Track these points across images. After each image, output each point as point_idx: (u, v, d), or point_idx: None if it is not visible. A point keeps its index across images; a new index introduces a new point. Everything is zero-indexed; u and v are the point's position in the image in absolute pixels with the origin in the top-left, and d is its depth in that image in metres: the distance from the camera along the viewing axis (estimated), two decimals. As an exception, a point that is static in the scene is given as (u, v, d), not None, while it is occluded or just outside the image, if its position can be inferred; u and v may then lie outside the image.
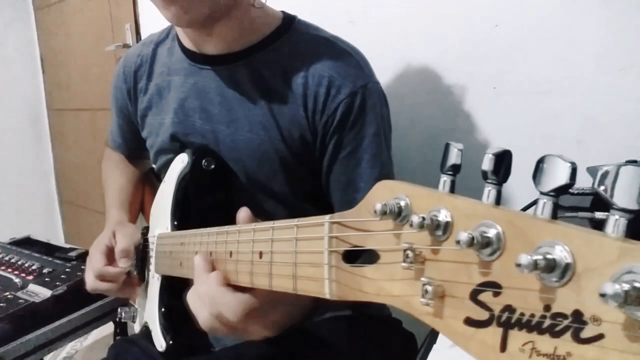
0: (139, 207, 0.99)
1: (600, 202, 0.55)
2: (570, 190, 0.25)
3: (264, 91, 0.71)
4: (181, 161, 0.74)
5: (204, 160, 0.72)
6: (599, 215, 0.52)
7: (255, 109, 0.72)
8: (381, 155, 0.71)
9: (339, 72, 0.68)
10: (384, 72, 0.77)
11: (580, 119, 0.84)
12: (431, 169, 1.03)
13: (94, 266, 0.78)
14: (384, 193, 0.31)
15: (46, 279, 1.22)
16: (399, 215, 0.29)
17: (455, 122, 0.98)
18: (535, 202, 0.70)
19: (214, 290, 0.50)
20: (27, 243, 1.54)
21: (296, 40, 0.72)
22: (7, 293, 1.17)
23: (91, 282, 0.79)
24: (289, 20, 0.74)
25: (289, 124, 0.70)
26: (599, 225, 0.51)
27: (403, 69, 1.03)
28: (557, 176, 0.23)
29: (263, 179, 0.73)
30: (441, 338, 0.57)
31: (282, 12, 0.76)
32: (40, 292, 1.17)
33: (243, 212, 0.53)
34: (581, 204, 0.55)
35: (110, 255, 0.80)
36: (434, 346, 0.56)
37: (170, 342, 0.70)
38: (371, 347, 0.75)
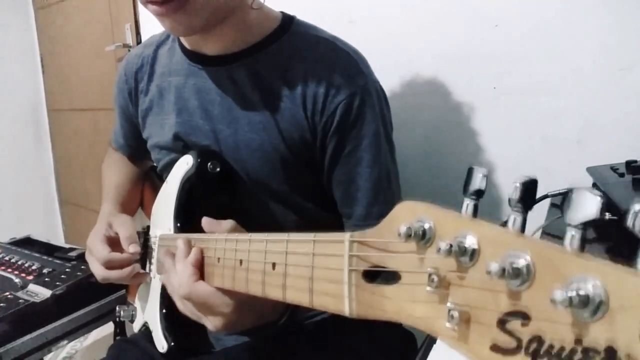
0: (136, 205, 0.99)
1: (603, 210, 0.55)
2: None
3: (264, 92, 0.71)
4: (185, 163, 0.74)
5: (209, 163, 0.72)
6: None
7: (255, 109, 0.72)
8: (381, 154, 0.71)
9: (337, 73, 0.68)
10: (383, 72, 0.77)
11: (580, 119, 0.84)
12: (431, 169, 1.03)
13: (99, 255, 0.77)
14: (405, 214, 0.31)
15: (46, 279, 1.22)
16: (422, 238, 0.29)
17: (455, 122, 0.99)
18: (535, 202, 0.70)
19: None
20: (27, 243, 1.54)
21: (295, 41, 0.72)
22: (7, 293, 1.17)
23: (100, 272, 0.77)
24: (287, 21, 0.74)
25: (289, 124, 0.70)
26: (600, 224, 0.51)
27: (403, 69, 1.03)
28: (587, 210, 0.23)
29: (264, 179, 0.73)
30: (441, 338, 0.56)
31: (281, 12, 0.76)
32: (40, 292, 1.17)
33: (205, 220, 0.59)
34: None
35: (111, 244, 0.79)
36: (434, 346, 0.56)
37: (172, 343, 0.70)
38: (371, 347, 0.75)
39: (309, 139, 0.71)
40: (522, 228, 0.26)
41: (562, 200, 0.23)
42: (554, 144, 0.87)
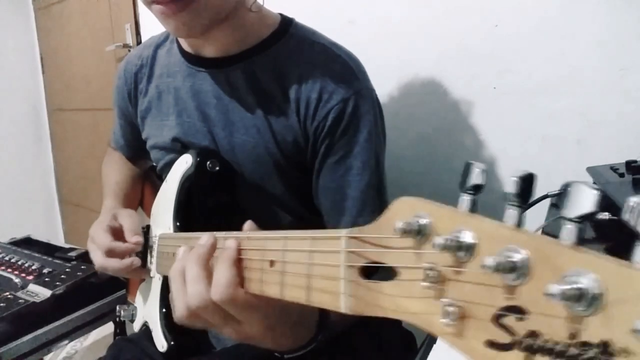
0: (136, 204, 0.99)
1: (600, 204, 0.55)
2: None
3: (259, 95, 0.71)
4: (185, 162, 0.74)
5: (208, 162, 0.72)
6: (599, 215, 0.52)
7: (250, 112, 0.72)
8: (371, 163, 0.70)
9: (332, 78, 0.68)
10: (383, 72, 0.77)
11: (580, 119, 0.84)
12: (431, 168, 1.03)
13: (101, 243, 0.77)
14: (404, 210, 0.31)
15: (46, 279, 1.22)
16: (419, 233, 0.29)
17: (455, 122, 0.98)
18: (535, 202, 0.69)
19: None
20: (27, 243, 1.55)
21: (292, 45, 0.72)
22: (7, 293, 1.17)
23: (100, 260, 0.76)
24: (286, 24, 0.74)
25: (282, 128, 0.70)
26: (600, 224, 0.50)
27: (403, 69, 1.03)
28: (584, 203, 0.22)
29: (259, 182, 0.73)
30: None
31: (280, 14, 0.76)
32: (40, 292, 1.17)
33: (247, 224, 0.52)
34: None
35: (114, 234, 0.78)
36: (434, 346, 0.56)
37: (172, 342, 0.70)
38: (371, 346, 0.75)
39: (302, 143, 0.71)
40: (520, 223, 0.26)
41: (559, 194, 0.23)
42: (554, 144, 0.87)
